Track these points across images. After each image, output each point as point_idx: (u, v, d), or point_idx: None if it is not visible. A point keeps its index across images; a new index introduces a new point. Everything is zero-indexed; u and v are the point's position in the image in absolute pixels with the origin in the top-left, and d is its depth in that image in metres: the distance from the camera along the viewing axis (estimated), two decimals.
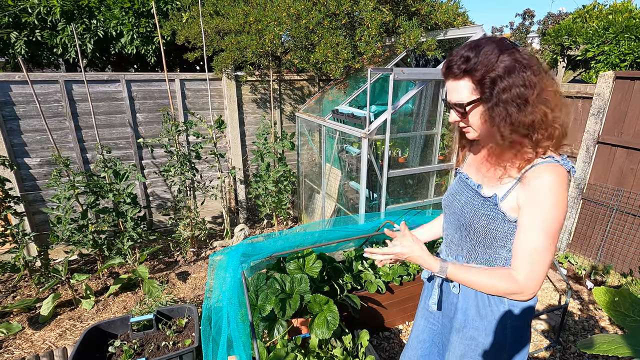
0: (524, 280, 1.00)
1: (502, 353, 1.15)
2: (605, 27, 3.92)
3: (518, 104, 0.95)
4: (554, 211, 0.96)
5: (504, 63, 0.95)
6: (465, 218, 1.14)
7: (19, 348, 2.56)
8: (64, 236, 2.98)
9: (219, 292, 2.00)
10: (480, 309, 1.16)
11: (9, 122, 3.32)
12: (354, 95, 3.58)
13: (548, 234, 0.97)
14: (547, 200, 0.96)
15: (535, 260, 0.98)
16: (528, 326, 1.17)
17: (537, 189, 0.97)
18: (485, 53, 0.96)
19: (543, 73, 0.97)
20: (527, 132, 0.98)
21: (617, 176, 3.16)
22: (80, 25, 3.83)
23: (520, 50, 0.97)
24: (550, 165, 0.98)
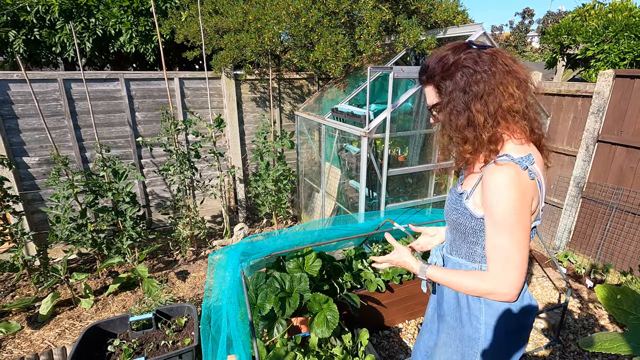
0: (494, 280, 1.01)
1: (475, 347, 1.17)
2: (604, 26, 3.92)
3: (456, 106, 1.02)
4: (509, 211, 0.97)
5: (451, 68, 1.01)
6: (446, 212, 1.22)
7: (18, 347, 2.55)
8: (63, 235, 2.97)
9: (219, 291, 1.99)
10: (460, 300, 1.21)
11: (8, 121, 3.30)
12: (354, 94, 3.57)
13: (509, 233, 0.98)
14: (501, 201, 0.98)
15: (501, 260, 0.99)
16: (512, 328, 1.14)
17: (488, 190, 1.00)
18: (442, 60, 1.03)
19: (500, 71, 0.99)
20: (468, 132, 1.02)
21: (617, 175, 3.16)
22: (79, 23, 3.82)
23: (471, 52, 1.00)
24: (503, 165, 0.99)
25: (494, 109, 0.99)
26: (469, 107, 1.00)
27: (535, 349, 2.51)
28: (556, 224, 3.70)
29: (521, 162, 0.98)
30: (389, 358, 2.45)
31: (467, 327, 1.18)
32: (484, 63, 0.99)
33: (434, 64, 1.05)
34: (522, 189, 0.98)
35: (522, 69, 1.02)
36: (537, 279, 3.35)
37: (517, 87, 1.00)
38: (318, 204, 4.07)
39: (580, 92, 3.34)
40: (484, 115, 0.99)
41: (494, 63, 0.99)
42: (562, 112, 3.54)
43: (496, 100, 0.99)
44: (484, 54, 1.00)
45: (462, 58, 1.00)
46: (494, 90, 0.98)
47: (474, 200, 1.09)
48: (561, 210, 3.62)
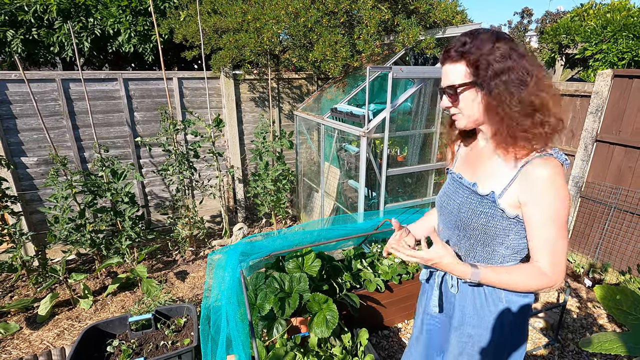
0: (552, 271, 1.01)
1: (501, 350, 1.16)
2: (603, 26, 3.92)
3: (518, 84, 0.97)
4: (559, 203, 0.98)
5: (500, 50, 0.97)
6: (462, 218, 1.14)
7: (16, 348, 2.54)
8: (62, 236, 2.96)
9: (218, 291, 1.99)
10: (478, 308, 1.16)
11: (6, 121, 3.29)
12: (353, 94, 3.57)
13: (559, 225, 0.99)
14: (551, 195, 0.98)
15: (555, 252, 1.01)
16: (525, 323, 1.18)
17: (539, 185, 0.98)
18: (481, 39, 0.99)
19: (537, 65, 0.99)
20: (533, 112, 0.98)
21: (615, 174, 3.17)
22: (77, 23, 3.81)
23: (515, 41, 1.00)
24: (547, 159, 0.98)
25: (541, 102, 0.98)
26: (530, 87, 0.97)
27: (534, 349, 2.52)
28: None
29: (559, 157, 1.00)
30: (388, 358, 2.45)
31: (491, 333, 1.16)
32: (523, 55, 0.99)
33: (475, 41, 0.99)
34: (564, 181, 1.00)
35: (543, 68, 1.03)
36: None
37: (549, 85, 1.00)
38: (317, 204, 4.07)
39: (578, 92, 3.34)
40: (546, 98, 0.98)
41: (529, 60, 0.99)
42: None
43: (540, 93, 0.98)
44: (519, 46, 1.00)
45: (504, 40, 0.99)
46: (538, 83, 0.98)
47: (509, 200, 1.04)
48: None
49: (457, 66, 1.02)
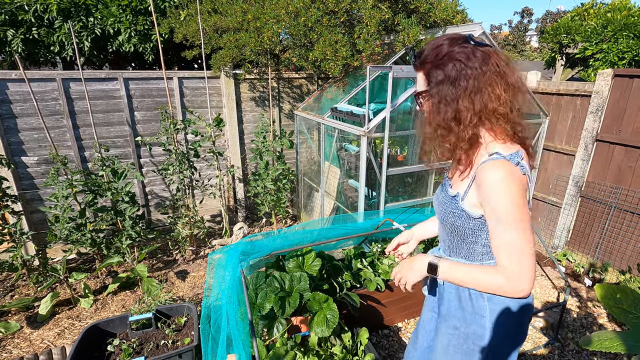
0: (511, 274, 1.00)
1: (481, 344, 1.17)
2: (603, 25, 3.92)
3: (444, 97, 1.01)
4: (510, 205, 0.98)
5: (444, 59, 1.01)
6: (441, 216, 1.20)
7: (17, 347, 2.55)
8: (62, 235, 2.97)
9: (218, 291, 1.99)
10: (462, 301, 1.19)
11: (6, 120, 3.30)
12: (353, 93, 3.57)
13: (515, 226, 0.98)
14: (500, 196, 0.98)
15: (515, 254, 0.99)
16: (512, 324, 1.15)
17: (486, 188, 1.00)
18: (437, 48, 1.02)
19: (491, 72, 0.99)
20: (453, 125, 1.03)
21: (616, 174, 3.17)
22: (78, 22, 3.81)
23: (467, 47, 1.00)
24: (495, 163, 1.00)
25: (479, 108, 1.00)
26: (457, 101, 1.01)
27: (534, 348, 2.52)
28: (555, 223, 3.71)
29: (512, 159, 1.00)
30: (388, 357, 2.46)
31: (473, 326, 1.17)
32: (477, 60, 0.99)
33: (429, 51, 1.04)
34: (517, 183, 0.99)
35: (514, 73, 1.02)
36: (535, 278, 3.36)
37: (504, 90, 1.00)
38: (317, 204, 4.07)
39: (579, 92, 3.34)
40: (470, 113, 1.00)
41: (486, 62, 0.99)
42: (560, 112, 3.55)
43: (482, 100, 1.00)
44: (478, 51, 1.00)
45: (456, 51, 1.00)
46: (482, 90, 0.99)
47: (470, 202, 1.09)
48: (560, 209, 3.63)
49: (419, 75, 1.09)
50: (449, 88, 1.00)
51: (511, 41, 18.56)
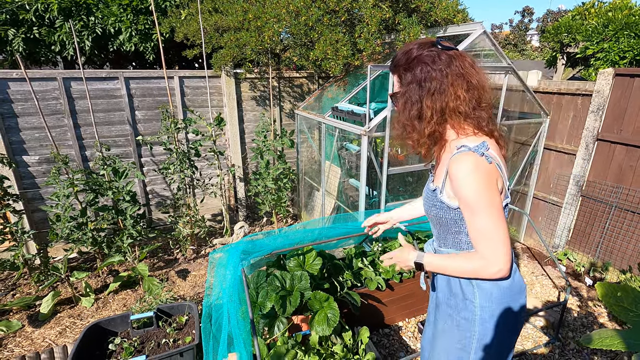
0: (485, 259, 1.08)
1: (472, 330, 1.22)
2: (604, 25, 3.92)
3: (410, 97, 1.11)
4: (476, 194, 1.05)
5: (413, 62, 1.10)
6: (426, 208, 1.29)
7: (19, 346, 2.56)
8: (64, 234, 2.97)
9: (219, 290, 2.00)
10: (453, 288, 1.26)
11: (7, 119, 3.30)
12: (354, 93, 3.57)
13: (485, 213, 1.05)
14: (468, 186, 1.05)
15: (486, 240, 1.07)
16: (501, 309, 1.20)
17: (455, 180, 1.08)
18: (407, 53, 1.11)
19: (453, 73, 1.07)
20: (417, 122, 1.12)
21: (617, 173, 3.16)
22: (78, 22, 3.81)
23: (433, 51, 1.09)
24: (461, 156, 1.07)
25: (441, 107, 1.08)
26: (421, 100, 1.09)
27: (535, 347, 2.52)
28: (556, 222, 3.71)
29: (477, 150, 1.07)
30: (389, 356, 2.46)
31: (463, 312, 1.23)
32: (441, 62, 1.07)
33: (400, 56, 1.13)
34: (484, 172, 1.05)
35: (477, 74, 1.09)
36: (536, 277, 3.36)
37: (466, 91, 1.07)
38: (318, 203, 4.07)
39: (580, 91, 3.34)
40: (432, 111, 1.08)
41: (449, 65, 1.07)
42: (561, 111, 3.54)
43: (444, 99, 1.07)
44: (444, 54, 1.08)
45: (424, 54, 1.08)
46: (445, 90, 1.07)
47: (447, 193, 1.15)
48: (560, 208, 3.63)
49: (394, 77, 1.18)
50: (416, 88, 1.09)
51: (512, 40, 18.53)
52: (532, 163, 3.81)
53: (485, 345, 1.23)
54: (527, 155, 3.73)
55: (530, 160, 3.79)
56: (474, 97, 1.09)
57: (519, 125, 3.75)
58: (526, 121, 3.66)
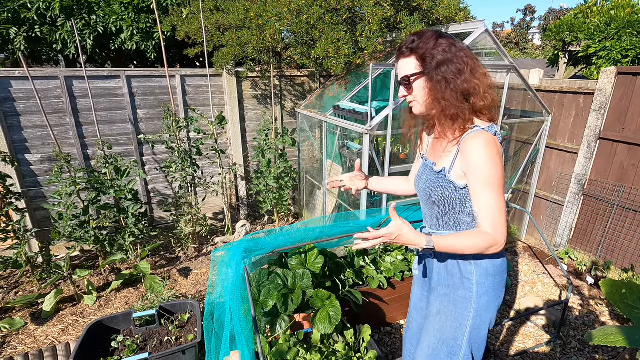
0: (493, 231, 1.15)
1: (469, 307, 1.32)
2: (607, 23, 3.91)
3: (455, 74, 1.16)
4: (491, 169, 1.14)
5: (441, 45, 1.17)
6: (427, 192, 1.34)
7: (22, 343, 2.57)
8: (66, 232, 2.98)
9: (222, 288, 2.00)
10: (450, 268, 1.35)
11: (10, 118, 3.31)
12: (355, 91, 3.57)
13: (494, 189, 1.15)
14: (482, 162, 1.14)
15: (493, 213, 1.15)
16: (493, 284, 1.32)
17: (471, 155, 1.16)
18: (426, 37, 1.19)
19: (474, 58, 1.19)
20: (465, 97, 1.18)
21: (619, 172, 3.16)
22: (80, 21, 3.81)
23: (454, 39, 1.20)
24: (478, 133, 1.17)
25: (468, 88, 1.17)
26: (455, 80, 1.16)
27: (536, 346, 2.53)
28: (557, 221, 3.71)
29: (490, 129, 1.18)
30: (390, 354, 2.46)
31: (460, 290, 1.33)
32: (460, 49, 1.18)
33: (419, 39, 1.19)
34: (496, 149, 1.16)
35: (480, 63, 1.21)
36: (537, 276, 3.36)
37: (482, 75, 1.19)
38: (319, 201, 4.08)
39: (582, 90, 3.33)
40: (461, 89, 1.16)
41: (466, 53, 1.18)
42: (563, 110, 3.54)
43: (471, 80, 1.17)
44: (457, 42, 1.20)
45: (450, 41, 1.18)
46: (473, 70, 1.17)
47: (455, 173, 1.23)
48: (562, 207, 3.63)
49: (409, 60, 1.21)
50: (447, 68, 1.16)
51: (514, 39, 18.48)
52: (533, 162, 3.80)
53: (479, 321, 1.33)
54: (529, 153, 3.72)
55: (532, 158, 3.79)
56: (484, 83, 1.18)
57: (521, 123, 3.74)
58: (528, 120, 3.65)
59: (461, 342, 1.35)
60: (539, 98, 3.43)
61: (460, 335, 1.34)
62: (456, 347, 1.36)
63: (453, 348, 1.36)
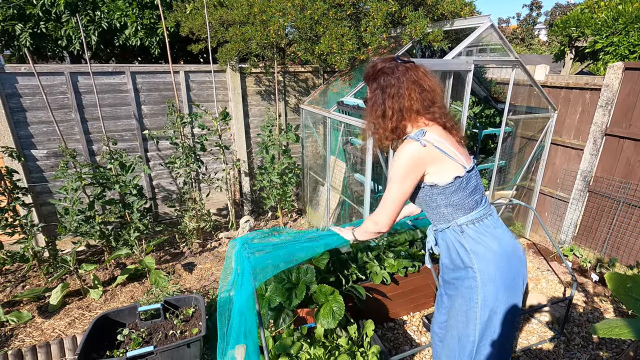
0: (375, 214, 1.45)
1: (474, 296, 1.38)
2: (614, 18, 3.85)
3: (376, 100, 1.38)
4: (395, 170, 1.34)
5: (378, 73, 1.37)
6: (413, 198, 1.51)
7: (29, 336, 2.60)
8: (72, 227, 3.01)
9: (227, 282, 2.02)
10: (454, 260, 1.44)
11: (16, 114, 3.33)
12: (359, 87, 3.55)
13: (391, 184, 1.36)
14: (393, 165, 1.36)
15: (382, 202, 1.41)
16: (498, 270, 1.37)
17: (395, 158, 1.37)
18: (374, 66, 1.40)
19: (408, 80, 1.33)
20: (381, 120, 1.37)
21: (625, 168, 3.13)
22: (85, 17, 3.82)
23: (392, 64, 1.35)
24: (404, 142, 1.36)
25: (399, 107, 1.33)
26: (384, 102, 1.35)
27: (540, 342, 2.53)
28: (562, 217, 3.69)
29: (414, 136, 1.33)
30: (393, 349, 2.47)
31: (466, 281, 1.40)
32: (398, 72, 1.33)
33: (369, 69, 1.41)
34: (411, 155, 1.31)
35: (430, 80, 1.36)
36: (542, 273, 3.35)
37: (419, 93, 1.33)
38: (323, 198, 4.08)
39: (588, 85, 3.30)
40: (392, 110, 1.34)
41: (404, 74, 1.33)
42: (569, 106, 3.51)
43: (402, 101, 1.33)
44: (401, 66, 1.34)
45: (386, 67, 1.35)
46: (402, 94, 1.32)
47: None
48: (567, 204, 3.61)
49: (368, 86, 1.44)
50: (379, 93, 1.36)
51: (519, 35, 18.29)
52: (538, 158, 3.78)
53: (490, 313, 1.36)
54: (534, 150, 3.70)
55: (537, 155, 3.76)
56: (427, 97, 1.34)
57: (526, 119, 3.71)
58: (533, 116, 3.62)
59: (474, 337, 1.36)
60: (544, 94, 3.40)
61: (472, 330, 1.37)
62: (468, 343, 1.38)
63: (465, 345, 1.39)
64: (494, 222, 1.42)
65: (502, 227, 1.43)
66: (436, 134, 1.33)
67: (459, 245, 1.40)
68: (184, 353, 2.15)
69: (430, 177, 1.34)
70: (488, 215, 1.41)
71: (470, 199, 1.37)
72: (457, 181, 1.33)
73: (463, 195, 1.35)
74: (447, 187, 1.34)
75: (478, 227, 1.38)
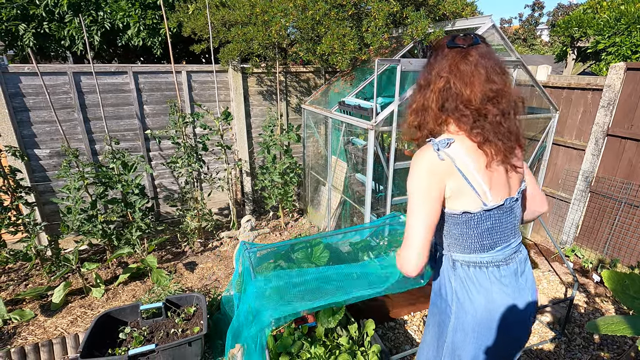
0: (398, 256, 1.12)
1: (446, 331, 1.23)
2: (617, 18, 3.85)
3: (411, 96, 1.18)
4: (412, 188, 1.08)
5: (430, 58, 1.16)
6: None
7: (32, 334, 2.62)
8: (74, 226, 3.03)
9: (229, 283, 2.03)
10: (440, 286, 1.26)
11: (19, 113, 3.36)
12: (361, 87, 3.56)
13: (410, 210, 1.08)
14: (409, 176, 1.10)
15: (406, 233, 1.09)
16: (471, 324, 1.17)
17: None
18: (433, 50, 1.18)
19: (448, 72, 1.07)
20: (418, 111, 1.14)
21: (627, 169, 3.13)
22: (87, 17, 3.84)
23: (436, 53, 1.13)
24: (422, 148, 1.11)
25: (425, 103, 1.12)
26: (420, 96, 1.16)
27: (541, 342, 2.52)
28: (563, 218, 3.69)
29: (436, 144, 1.07)
30: (394, 348, 2.48)
31: (443, 314, 1.25)
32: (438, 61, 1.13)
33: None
34: (427, 167, 1.05)
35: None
36: (543, 273, 3.35)
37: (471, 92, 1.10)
38: (324, 197, 4.09)
39: (590, 85, 3.30)
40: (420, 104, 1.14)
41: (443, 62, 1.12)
42: (571, 106, 3.50)
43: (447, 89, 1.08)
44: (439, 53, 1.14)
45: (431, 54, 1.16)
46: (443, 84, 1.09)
47: None
48: (569, 204, 3.60)
49: None
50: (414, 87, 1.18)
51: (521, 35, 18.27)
52: (540, 158, 3.77)
53: (456, 356, 1.22)
54: (536, 150, 3.70)
55: (539, 155, 3.76)
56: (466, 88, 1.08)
57: (528, 120, 3.71)
58: (535, 116, 3.62)
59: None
60: (546, 94, 3.40)
61: (440, 356, 1.27)
62: None
63: None
64: (499, 275, 1.14)
65: (512, 287, 1.14)
66: (461, 147, 1.06)
67: (447, 279, 1.21)
68: (186, 351, 2.16)
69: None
70: (498, 265, 1.14)
71: (475, 241, 1.12)
72: (464, 216, 1.08)
73: (465, 234, 1.11)
74: (451, 215, 1.11)
75: (472, 272, 1.14)
